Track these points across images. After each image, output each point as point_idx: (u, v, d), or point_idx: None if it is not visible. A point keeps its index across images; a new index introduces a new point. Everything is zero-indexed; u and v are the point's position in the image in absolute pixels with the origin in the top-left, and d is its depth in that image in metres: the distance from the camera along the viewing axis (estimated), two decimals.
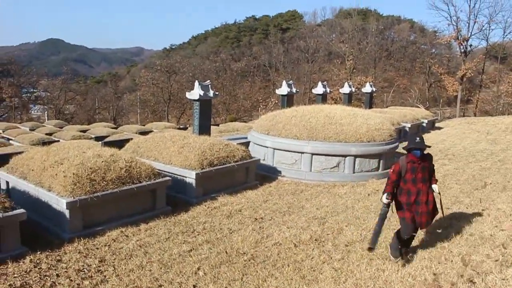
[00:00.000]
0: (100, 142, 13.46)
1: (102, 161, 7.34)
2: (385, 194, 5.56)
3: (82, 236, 6.60)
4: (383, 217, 5.58)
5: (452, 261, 5.25)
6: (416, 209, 5.63)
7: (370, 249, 5.63)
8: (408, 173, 5.63)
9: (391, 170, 5.72)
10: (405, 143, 17.00)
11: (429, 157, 5.85)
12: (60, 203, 6.56)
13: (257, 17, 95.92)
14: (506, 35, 46.96)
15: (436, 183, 5.83)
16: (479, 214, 7.35)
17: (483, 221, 6.85)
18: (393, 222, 6.85)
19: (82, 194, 6.67)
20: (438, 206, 5.84)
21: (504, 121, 23.08)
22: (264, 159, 11.30)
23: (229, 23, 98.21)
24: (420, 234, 6.45)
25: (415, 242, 6.23)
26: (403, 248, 5.85)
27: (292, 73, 61.35)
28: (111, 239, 6.68)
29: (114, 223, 7.11)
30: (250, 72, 63.19)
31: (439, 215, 6.02)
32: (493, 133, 20.52)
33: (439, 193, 5.84)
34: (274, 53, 67.17)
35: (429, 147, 5.94)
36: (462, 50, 41.89)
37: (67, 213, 6.55)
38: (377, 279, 5.20)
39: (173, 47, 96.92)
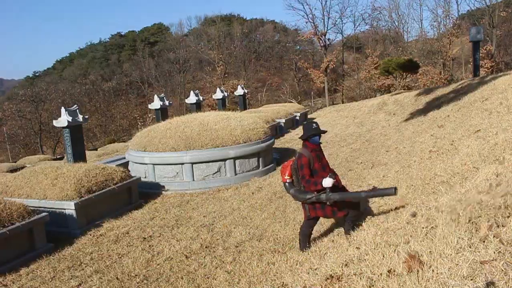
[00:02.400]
0: None
1: None
2: (326, 179, 5.21)
3: None
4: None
5: (333, 241, 5.62)
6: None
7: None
8: (316, 162, 5.41)
9: (299, 165, 5.42)
10: (283, 138, 18.01)
11: None
12: None
13: (123, 33, 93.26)
14: (357, 27, 51.68)
15: None
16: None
17: None
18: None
19: None
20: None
21: (367, 104, 25.07)
22: (145, 176, 11.12)
23: (94, 43, 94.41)
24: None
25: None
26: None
27: (166, 86, 60.89)
28: None
29: None
30: (123, 91, 61.37)
31: None
32: (359, 116, 22.21)
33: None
34: (145, 68, 66.09)
35: (326, 131, 6.10)
36: (322, 44, 44.79)
37: None
38: (269, 273, 5.40)
39: (37, 74, 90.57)
